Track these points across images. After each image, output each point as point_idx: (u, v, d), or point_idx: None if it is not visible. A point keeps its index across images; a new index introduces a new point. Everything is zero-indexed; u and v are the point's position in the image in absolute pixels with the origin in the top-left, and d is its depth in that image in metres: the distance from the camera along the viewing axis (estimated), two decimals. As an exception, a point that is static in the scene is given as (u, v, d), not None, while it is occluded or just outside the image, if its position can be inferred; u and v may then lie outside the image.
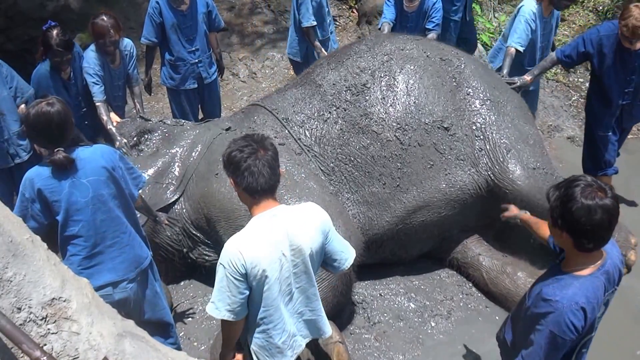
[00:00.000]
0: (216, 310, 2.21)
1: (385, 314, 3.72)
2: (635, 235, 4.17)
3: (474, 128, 3.83)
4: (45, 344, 1.67)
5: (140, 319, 2.82)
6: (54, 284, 1.78)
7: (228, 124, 4.02)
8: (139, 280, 2.85)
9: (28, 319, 1.67)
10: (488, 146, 3.78)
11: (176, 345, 3.14)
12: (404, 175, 3.70)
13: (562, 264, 2.18)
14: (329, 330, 2.51)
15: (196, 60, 4.73)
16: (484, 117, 3.85)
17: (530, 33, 4.58)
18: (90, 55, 4.16)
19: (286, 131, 3.83)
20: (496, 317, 3.70)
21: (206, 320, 3.68)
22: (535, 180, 3.67)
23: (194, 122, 4.32)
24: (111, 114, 4.24)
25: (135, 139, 3.96)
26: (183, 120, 4.22)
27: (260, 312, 2.25)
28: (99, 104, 4.13)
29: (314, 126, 3.82)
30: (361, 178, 3.72)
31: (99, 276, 2.68)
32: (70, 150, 2.60)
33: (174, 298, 3.79)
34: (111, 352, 1.78)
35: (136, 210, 2.96)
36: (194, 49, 4.69)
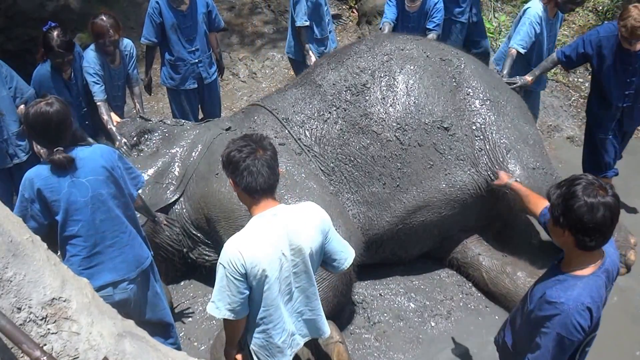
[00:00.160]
0: (216, 310, 2.21)
1: (385, 314, 3.72)
2: (635, 235, 4.18)
3: (474, 128, 3.83)
4: (45, 344, 1.67)
5: (141, 319, 2.82)
6: (54, 284, 1.77)
7: (228, 124, 4.02)
8: (140, 280, 2.84)
9: (28, 319, 1.66)
10: (488, 146, 3.78)
11: (176, 345, 3.14)
12: (404, 175, 3.70)
13: (562, 265, 2.18)
14: (328, 331, 2.52)
15: (196, 60, 4.73)
16: (483, 117, 3.85)
17: (533, 36, 4.54)
18: (91, 54, 4.16)
19: (286, 131, 3.83)
20: (496, 317, 3.70)
21: (206, 320, 3.69)
22: (535, 180, 3.66)
23: (194, 122, 4.32)
24: (111, 114, 4.24)
25: (135, 139, 3.96)
26: (183, 120, 4.22)
27: (260, 312, 2.25)
28: (100, 103, 4.13)
29: (314, 126, 3.82)
30: (361, 178, 3.72)
31: (99, 276, 2.68)
32: (69, 149, 2.61)
33: (174, 298, 3.80)
34: (111, 352, 1.78)
35: (135, 210, 2.96)
36: (194, 49, 4.69)
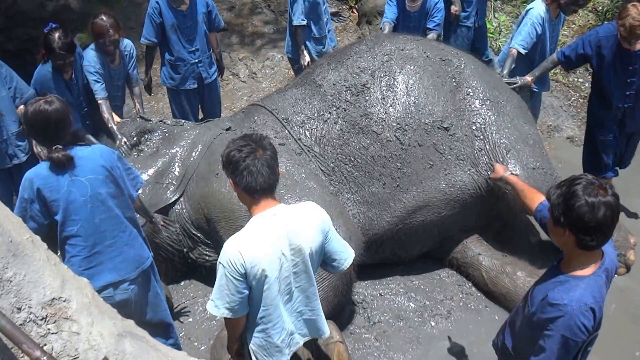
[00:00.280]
0: (215, 308, 2.22)
1: (385, 314, 3.72)
2: (635, 235, 4.18)
3: (474, 128, 3.83)
4: (45, 344, 1.67)
5: (142, 320, 2.82)
6: (54, 284, 1.77)
7: (228, 124, 4.02)
8: (140, 281, 2.84)
9: (28, 319, 1.66)
10: (488, 146, 3.78)
11: (176, 346, 3.14)
12: (404, 176, 3.70)
13: (562, 265, 2.17)
14: (327, 331, 2.52)
15: (196, 60, 4.73)
16: (483, 117, 3.85)
17: (535, 36, 4.53)
18: (91, 54, 4.16)
19: (286, 131, 3.83)
20: (496, 317, 3.70)
21: (206, 321, 3.69)
22: (535, 180, 3.66)
23: (194, 122, 4.32)
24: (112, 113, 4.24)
25: (135, 139, 3.96)
26: (183, 120, 4.22)
27: (260, 312, 2.26)
28: (101, 101, 4.13)
29: (314, 126, 3.82)
30: (361, 178, 3.72)
31: (99, 277, 2.68)
32: (68, 148, 2.61)
33: (174, 298, 3.80)
34: (111, 352, 1.78)
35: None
36: (194, 49, 4.69)
